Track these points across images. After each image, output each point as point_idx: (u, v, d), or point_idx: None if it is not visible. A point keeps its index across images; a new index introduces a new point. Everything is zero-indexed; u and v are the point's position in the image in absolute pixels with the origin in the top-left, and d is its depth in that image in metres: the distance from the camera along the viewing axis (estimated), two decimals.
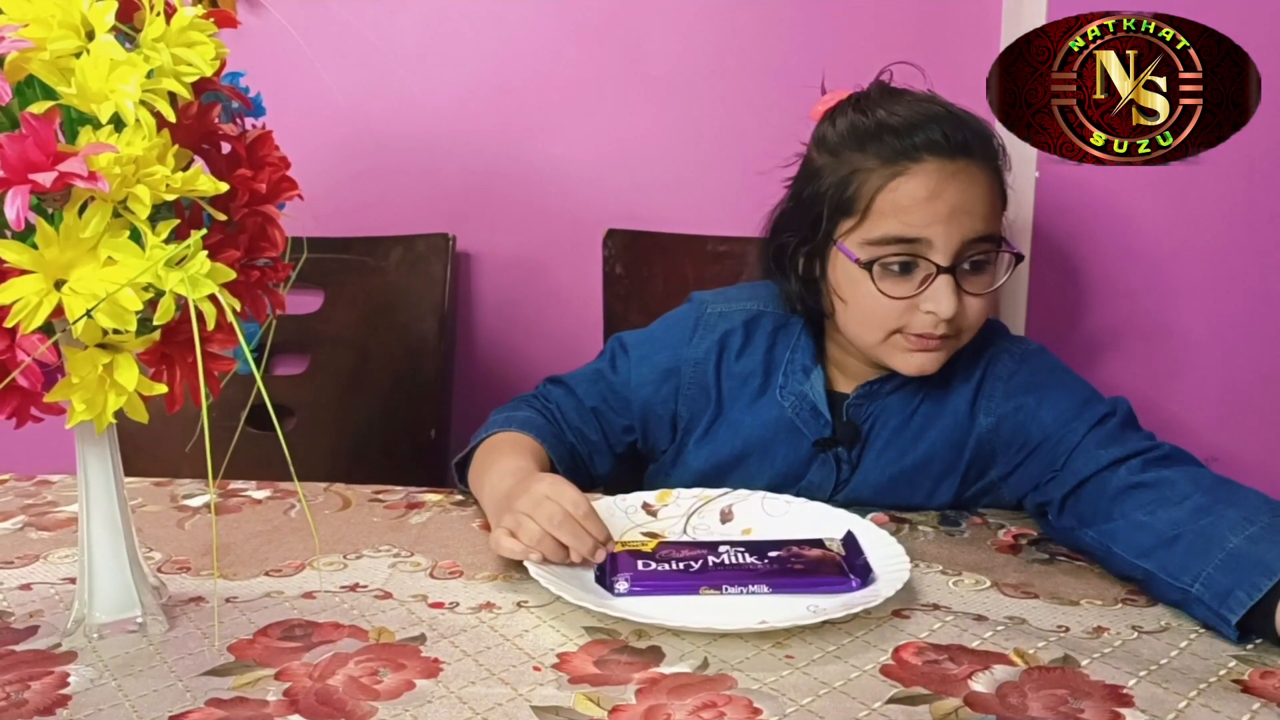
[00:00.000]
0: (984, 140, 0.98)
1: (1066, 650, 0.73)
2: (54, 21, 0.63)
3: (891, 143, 0.96)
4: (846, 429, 1.05)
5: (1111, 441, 0.92)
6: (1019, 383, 1.02)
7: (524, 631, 0.76)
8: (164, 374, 0.69)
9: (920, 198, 0.94)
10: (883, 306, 0.96)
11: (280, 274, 0.76)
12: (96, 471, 0.74)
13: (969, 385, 1.03)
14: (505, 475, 0.95)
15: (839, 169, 0.98)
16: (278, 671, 0.70)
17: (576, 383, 1.12)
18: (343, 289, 1.51)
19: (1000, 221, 0.99)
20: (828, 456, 1.05)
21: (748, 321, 1.09)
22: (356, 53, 1.49)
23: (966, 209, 0.94)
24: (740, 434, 1.08)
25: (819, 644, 0.74)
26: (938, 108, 0.98)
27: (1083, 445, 0.93)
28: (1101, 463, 0.91)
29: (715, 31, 1.42)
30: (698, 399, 1.09)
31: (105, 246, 0.63)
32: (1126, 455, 0.90)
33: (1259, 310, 1.29)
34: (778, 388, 1.07)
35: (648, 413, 1.10)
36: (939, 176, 0.94)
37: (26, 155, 0.60)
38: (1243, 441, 1.31)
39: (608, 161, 1.51)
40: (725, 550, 0.86)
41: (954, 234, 0.94)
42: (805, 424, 1.05)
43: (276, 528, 0.98)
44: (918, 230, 0.94)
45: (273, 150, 0.75)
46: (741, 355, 1.08)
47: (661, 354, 1.10)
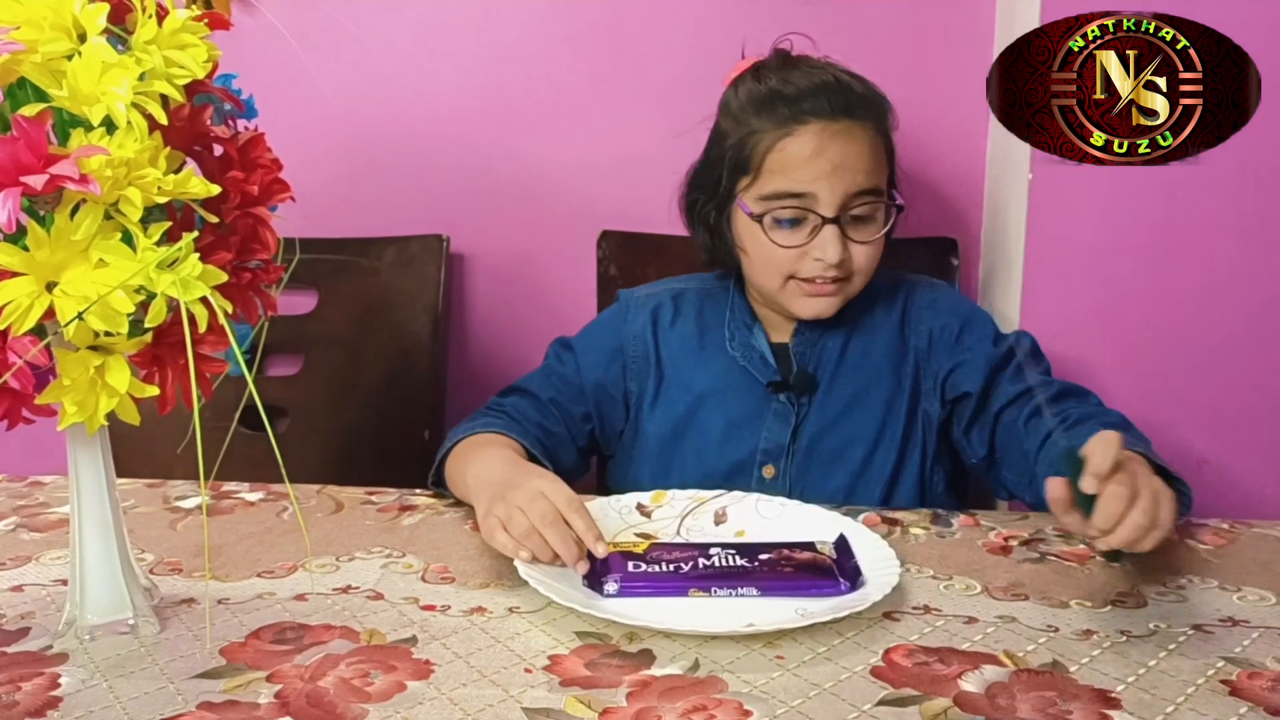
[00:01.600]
0: (866, 103, 1.08)
1: (1055, 655, 0.73)
2: (45, 24, 0.63)
3: (781, 108, 1.06)
4: (800, 376, 1.14)
5: (1019, 375, 1.08)
6: (940, 308, 1.16)
7: (515, 634, 0.76)
8: (155, 376, 0.70)
9: (805, 156, 1.05)
10: (777, 255, 1.08)
11: (272, 276, 0.76)
12: (88, 473, 0.74)
13: (893, 316, 1.16)
14: (494, 461, 0.97)
15: (738, 131, 1.09)
16: (269, 674, 0.70)
17: (528, 383, 1.17)
18: (336, 290, 1.51)
19: (883, 176, 1.09)
20: (783, 402, 1.13)
21: (674, 296, 1.21)
22: (350, 53, 1.49)
23: (849, 165, 1.05)
24: (692, 389, 1.16)
25: (810, 645, 0.74)
26: (826, 75, 1.08)
27: (997, 374, 1.09)
28: (1010, 395, 1.08)
29: (709, 35, 1.42)
30: (643, 370, 1.18)
31: (97, 249, 0.63)
32: (1028, 390, 1.06)
33: (1251, 315, 1.29)
34: (726, 341, 1.17)
35: (600, 395, 1.18)
36: (822, 136, 1.05)
37: (18, 157, 0.60)
38: (1233, 447, 1.32)
39: (602, 163, 1.51)
40: (716, 552, 0.86)
41: (837, 188, 1.04)
42: (758, 371, 1.15)
43: (269, 529, 0.98)
44: (803, 185, 1.05)
45: (265, 152, 0.75)
46: (674, 323, 1.19)
47: (603, 338, 1.20)
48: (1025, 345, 1.12)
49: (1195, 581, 0.86)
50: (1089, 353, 1.33)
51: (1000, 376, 1.10)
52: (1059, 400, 1.05)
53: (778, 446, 1.13)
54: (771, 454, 1.13)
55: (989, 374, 1.10)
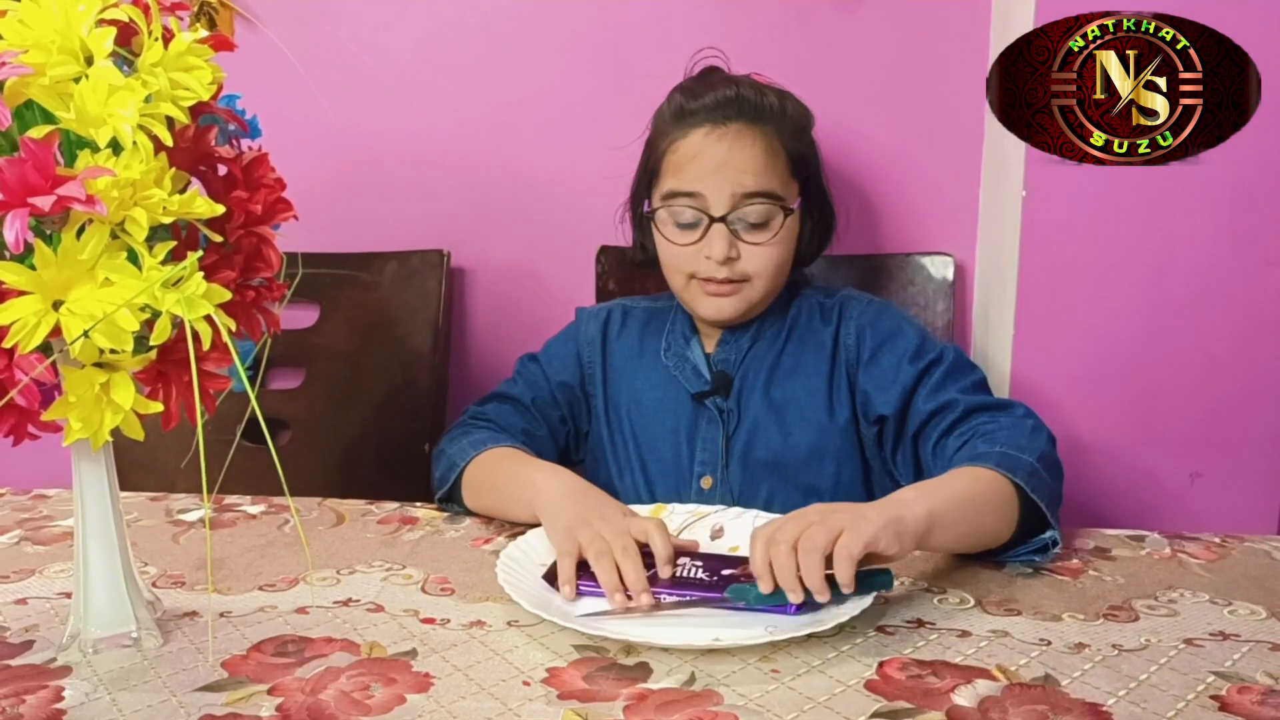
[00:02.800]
0: (760, 110, 1.11)
1: (1047, 668, 0.74)
2: (54, 47, 0.64)
3: (681, 116, 1.13)
4: (718, 378, 1.17)
5: (935, 393, 1.08)
6: (869, 316, 1.17)
7: (514, 648, 0.77)
8: (160, 392, 0.71)
9: (690, 155, 1.11)
10: (675, 253, 1.13)
11: (275, 293, 0.77)
12: (92, 487, 0.75)
13: (829, 325, 1.18)
14: (554, 479, 1.00)
15: (656, 142, 1.16)
16: (271, 687, 0.71)
17: (508, 389, 1.22)
18: (338, 304, 1.52)
19: (779, 181, 1.12)
20: (711, 410, 1.16)
21: (624, 311, 1.27)
22: (352, 71, 1.51)
23: (734, 165, 1.09)
24: (635, 399, 1.21)
25: (804, 659, 0.75)
26: (729, 87, 1.13)
27: (912, 394, 1.09)
28: (923, 415, 1.08)
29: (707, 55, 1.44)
30: (595, 374, 1.23)
31: (103, 268, 0.64)
32: (947, 404, 1.07)
33: (1242, 330, 1.30)
34: (661, 351, 1.21)
35: (570, 396, 1.23)
36: (710, 138, 1.10)
37: (26, 178, 0.61)
38: (1225, 461, 1.33)
39: (602, 178, 1.52)
40: (683, 563, 0.88)
41: (724, 187, 1.09)
42: (688, 381, 1.18)
43: (270, 542, 0.99)
44: (691, 184, 1.10)
45: (268, 172, 0.76)
46: (620, 335, 1.24)
47: (565, 346, 1.26)
48: (948, 359, 1.10)
49: (1187, 595, 0.87)
50: (1082, 367, 1.34)
51: (916, 396, 1.09)
52: (968, 418, 1.04)
53: (713, 457, 1.15)
54: (708, 464, 1.15)
55: (903, 395, 1.10)
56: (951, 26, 1.43)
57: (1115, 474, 1.35)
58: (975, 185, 1.47)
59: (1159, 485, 1.35)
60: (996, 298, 1.40)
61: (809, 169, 1.16)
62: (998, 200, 1.40)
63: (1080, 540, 1.00)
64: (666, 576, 0.85)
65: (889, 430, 1.12)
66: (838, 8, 1.44)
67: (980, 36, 1.43)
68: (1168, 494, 1.35)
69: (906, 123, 1.46)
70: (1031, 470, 0.93)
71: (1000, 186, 1.39)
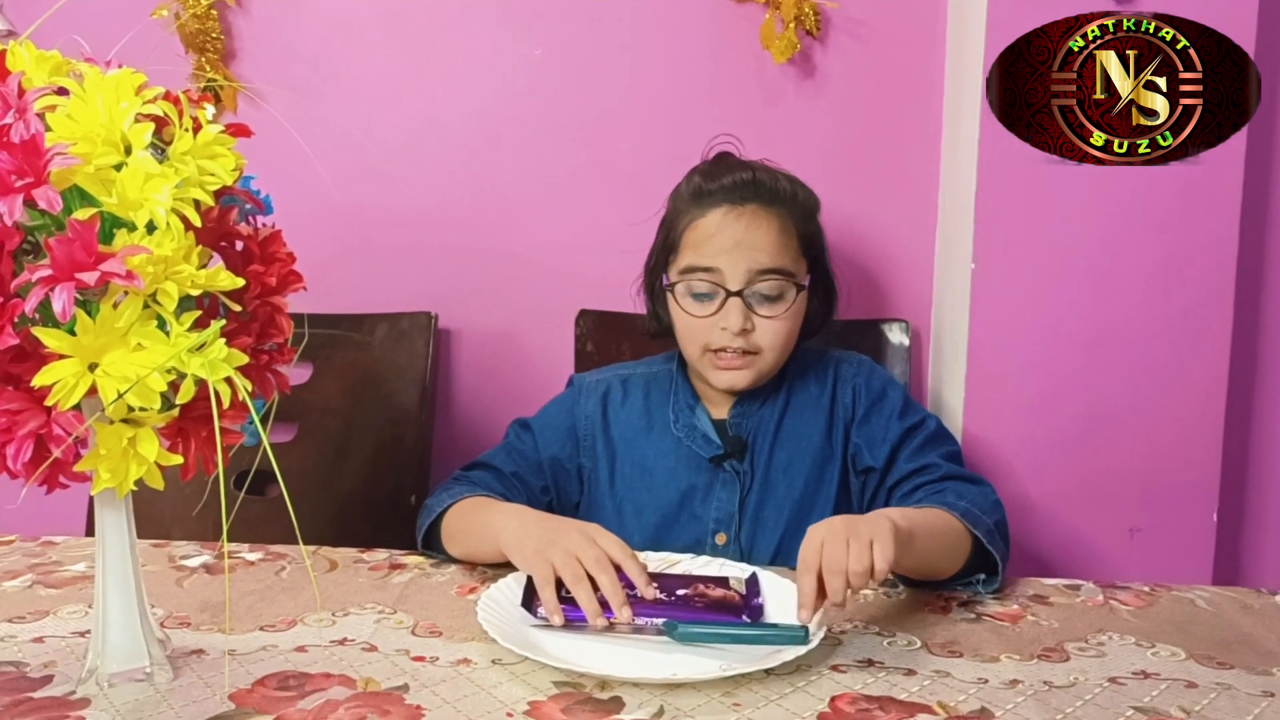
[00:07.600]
0: (775, 193, 1.20)
1: (983, 702, 0.81)
2: (99, 139, 0.72)
3: (700, 196, 1.20)
4: (733, 443, 1.24)
5: (917, 454, 1.18)
6: (863, 376, 1.27)
7: (498, 683, 0.84)
8: (179, 446, 0.78)
9: (710, 233, 1.18)
10: (691, 325, 1.20)
11: (285, 357, 0.84)
12: (113, 533, 0.82)
13: (825, 387, 1.27)
14: (516, 514, 1.07)
15: (675, 220, 1.23)
16: (275, 717, 0.77)
17: (491, 458, 1.26)
18: (330, 362, 1.60)
19: (791, 259, 1.20)
20: (728, 472, 1.23)
21: (623, 381, 1.32)
22: (349, 147, 1.58)
23: (750, 243, 1.17)
24: (644, 466, 1.26)
25: (764, 694, 0.82)
26: (746, 171, 1.21)
27: (897, 452, 1.19)
28: (904, 473, 1.18)
29: (679, 133, 1.52)
30: (596, 448, 1.28)
31: (135, 334, 0.71)
32: (927, 466, 1.17)
33: (1179, 399, 1.40)
34: (670, 423, 1.27)
35: (557, 469, 1.27)
36: (728, 217, 1.18)
37: (73, 256, 0.68)
38: (1160, 517, 1.42)
39: (580, 247, 1.61)
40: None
41: (740, 263, 1.17)
42: (700, 448, 1.24)
43: (269, 587, 1.05)
44: (710, 260, 1.18)
45: (281, 247, 0.84)
46: (624, 405, 1.29)
47: (560, 418, 1.30)
48: (930, 426, 1.22)
49: (1115, 638, 0.95)
50: (1029, 430, 1.42)
51: (900, 454, 1.20)
52: (943, 482, 1.14)
53: (728, 515, 1.22)
54: (723, 522, 1.22)
55: (891, 450, 1.20)
56: (909, 116, 1.54)
57: (1060, 528, 1.44)
58: (930, 257, 1.57)
59: (1100, 539, 1.43)
60: (949, 361, 1.49)
61: (817, 249, 1.25)
62: (950, 272, 1.50)
63: (1021, 588, 1.08)
64: (651, 598, 0.93)
65: (871, 480, 1.22)
66: (801, 95, 1.54)
67: (933, 125, 1.53)
68: (1108, 547, 1.43)
69: (866, 198, 1.56)
70: (988, 530, 1.04)
71: (952, 259, 1.48)
